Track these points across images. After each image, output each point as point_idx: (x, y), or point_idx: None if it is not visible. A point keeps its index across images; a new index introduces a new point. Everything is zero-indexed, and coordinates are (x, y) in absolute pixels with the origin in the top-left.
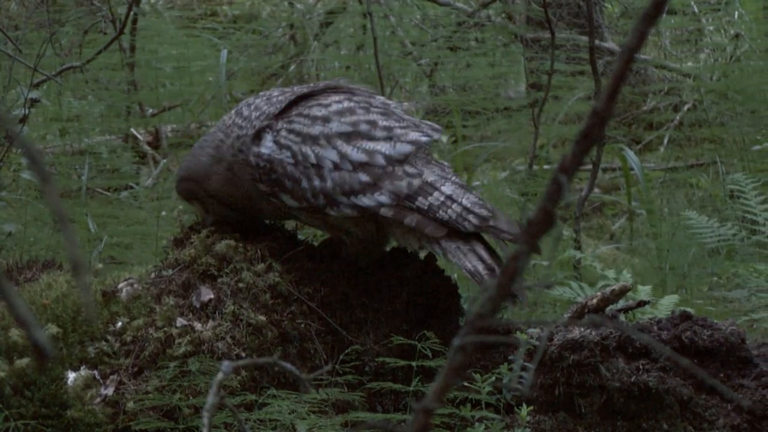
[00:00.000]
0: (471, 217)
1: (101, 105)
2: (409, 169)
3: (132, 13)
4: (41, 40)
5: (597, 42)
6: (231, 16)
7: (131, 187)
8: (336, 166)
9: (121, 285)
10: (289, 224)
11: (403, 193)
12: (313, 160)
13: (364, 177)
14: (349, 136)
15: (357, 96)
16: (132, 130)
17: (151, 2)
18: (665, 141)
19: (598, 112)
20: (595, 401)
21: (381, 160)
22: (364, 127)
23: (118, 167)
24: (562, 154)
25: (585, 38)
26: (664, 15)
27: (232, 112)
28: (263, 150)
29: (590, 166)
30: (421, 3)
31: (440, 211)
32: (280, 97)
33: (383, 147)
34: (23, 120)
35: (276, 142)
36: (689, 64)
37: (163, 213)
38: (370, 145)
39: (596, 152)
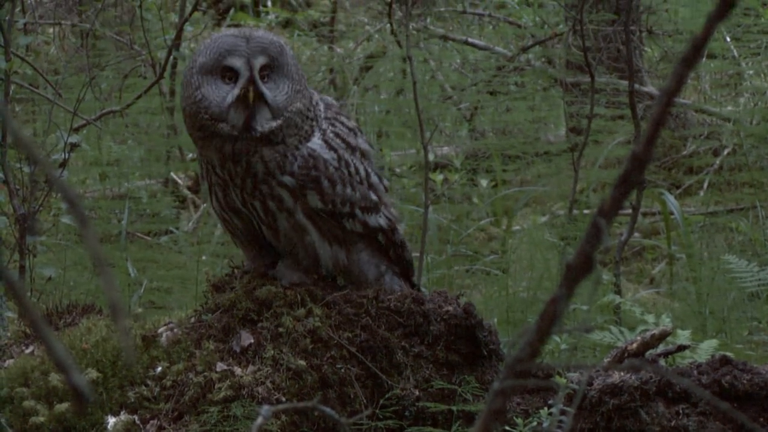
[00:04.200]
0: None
1: (141, 149)
2: (389, 199)
3: (171, 57)
4: (81, 84)
5: (636, 86)
6: None
7: (171, 232)
8: (360, 181)
9: (161, 329)
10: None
11: (397, 219)
12: (352, 168)
13: (374, 196)
14: (364, 155)
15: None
16: (172, 174)
17: (191, 47)
18: (705, 185)
19: (637, 156)
20: None
21: (382, 188)
22: (371, 150)
23: (158, 211)
24: (601, 199)
25: (625, 82)
26: (704, 59)
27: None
28: (312, 144)
29: (630, 211)
30: (461, 47)
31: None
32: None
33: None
34: (63, 164)
35: (325, 141)
36: (729, 108)
37: (204, 257)
38: (375, 169)
39: (636, 196)
